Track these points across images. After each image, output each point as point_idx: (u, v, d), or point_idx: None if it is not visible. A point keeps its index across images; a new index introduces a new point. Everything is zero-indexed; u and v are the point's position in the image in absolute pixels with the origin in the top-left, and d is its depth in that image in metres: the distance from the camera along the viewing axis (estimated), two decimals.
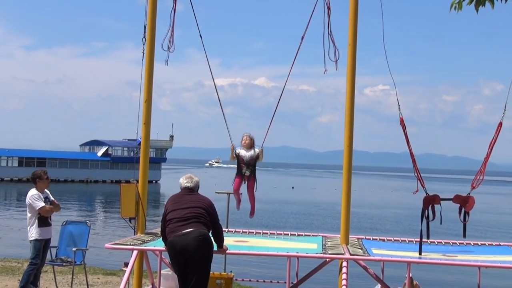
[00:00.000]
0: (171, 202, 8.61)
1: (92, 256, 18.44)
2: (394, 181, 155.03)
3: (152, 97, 11.02)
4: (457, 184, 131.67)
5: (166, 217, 8.50)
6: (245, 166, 10.91)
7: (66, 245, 12.97)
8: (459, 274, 20.51)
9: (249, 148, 10.95)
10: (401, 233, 33.32)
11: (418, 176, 9.92)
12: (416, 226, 10.88)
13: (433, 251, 10.23)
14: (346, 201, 10.34)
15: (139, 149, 11.16)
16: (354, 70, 10.38)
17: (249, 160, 10.91)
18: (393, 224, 44.18)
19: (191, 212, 8.35)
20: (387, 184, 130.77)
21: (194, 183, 8.72)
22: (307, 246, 10.29)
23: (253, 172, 10.93)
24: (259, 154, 10.96)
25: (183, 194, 8.63)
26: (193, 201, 8.48)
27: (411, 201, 55.25)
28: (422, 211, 9.82)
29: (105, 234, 32.05)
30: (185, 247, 8.10)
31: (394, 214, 52.95)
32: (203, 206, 8.44)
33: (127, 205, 10.78)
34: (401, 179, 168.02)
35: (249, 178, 10.92)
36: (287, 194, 79.21)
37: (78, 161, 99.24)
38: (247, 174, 10.92)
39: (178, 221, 8.30)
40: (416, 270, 11.28)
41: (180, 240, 8.15)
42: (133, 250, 9.64)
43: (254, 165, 10.95)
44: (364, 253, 9.62)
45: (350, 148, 10.39)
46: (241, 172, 10.91)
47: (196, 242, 8.09)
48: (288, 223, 41.31)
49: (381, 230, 38.88)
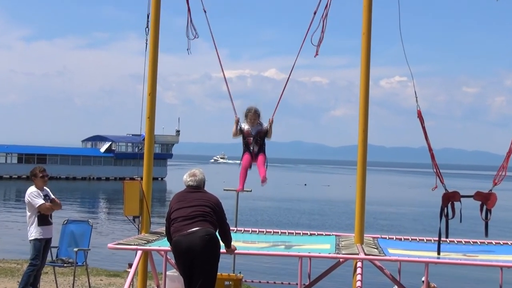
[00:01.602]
0: (175, 200, 8.59)
1: (95, 257, 18.51)
2: (412, 177, 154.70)
3: (156, 90, 11.04)
4: (478, 180, 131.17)
5: (171, 215, 8.49)
6: (252, 141, 10.52)
7: (67, 245, 13.00)
8: (480, 275, 20.44)
9: (254, 123, 10.54)
10: (419, 232, 33.26)
11: (437, 172, 9.89)
12: (434, 224, 10.85)
13: (453, 251, 10.20)
14: (361, 198, 10.32)
15: (143, 145, 11.17)
16: (368, 61, 10.35)
17: (257, 134, 10.54)
18: (410, 223, 44.10)
19: (196, 210, 8.34)
20: (404, 181, 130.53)
21: (198, 181, 8.67)
22: (320, 246, 10.28)
23: (262, 148, 10.56)
24: (268, 128, 10.60)
25: (188, 192, 8.60)
26: (198, 199, 8.45)
27: (430, 198, 54.99)
28: (441, 209, 9.79)
29: (108, 234, 32.16)
30: (191, 246, 8.09)
31: (411, 212, 52.86)
32: (209, 204, 8.42)
33: (131, 203, 10.80)
34: (419, 175, 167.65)
35: (257, 155, 10.54)
36: (300, 191, 79.21)
37: (80, 157, 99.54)
38: (255, 150, 10.54)
39: (183, 220, 8.29)
40: (434, 271, 11.25)
41: (185, 240, 8.14)
42: (137, 250, 9.66)
43: (262, 139, 10.55)
44: (379, 253, 9.61)
45: (365, 142, 10.37)
46: (248, 148, 10.53)
47: (202, 242, 8.08)
48: (300, 222, 41.32)
49: (398, 229, 38.82)
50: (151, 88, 10.97)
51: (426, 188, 62.84)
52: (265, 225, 34.93)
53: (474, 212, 10.09)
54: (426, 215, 47.73)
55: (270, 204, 53.39)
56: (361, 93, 10.36)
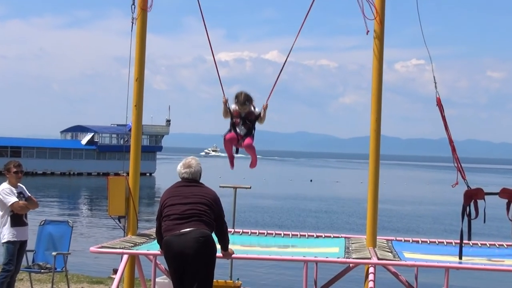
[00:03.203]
0: (168, 195, 8.56)
1: (75, 262, 18.51)
2: (430, 172, 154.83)
3: (144, 74, 11.04)
4: (505, 175, 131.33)
5: (163, 212, 8.47)
6: (241, 122, 10.28)
7: (44, 249, 13.02)
8: (507, 281, 20.47)
9: (243, 106, 10.22)
10: (438, 234, 33.32)
11: (459, 166, 9.90)
12: (455, 225, 10.87)
13: (476, 255, 10.22)
14: (374, 196, 10.34)
15: (129, 136, 11.18)
16: (382, 42, 10.35)
17: (247, 115, 10.28)
18: (428, 223, 44.15)
19: (192, 208, 8.31)
20: (422, 176, 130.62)
21: (194, 173, 8.61)
22: (327, 250, 10.30)
23: (251, 131, 10.34)
24: (261, 113, 10.36)
25: (182, 186, 8.57)
26: (194, 195, 8.42)
27: (450, 195, 55.07)
28: (462, 208, 9.80)
29: (90, 236, 32.17)
30: (184, 249, 8.10)
31: (429, 211, 52.89)
32: (205, 200, 8.39)
33: (115, 201, 10.82)
34: (438, 170, 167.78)
35: (244, 138, 10.30)
36: (305, 188, 79.21)
37: (58, 150, 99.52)
38: (243, 133, 10.31)
39: (176, 218, 8.28)
40: (455, 277, 11.27)
41: (177, 241, 8.14)
42: (123, 254, 9.67)
43: (252, 122, 10.31)
44: (394, 257, 9.63)
45: (378, 133, 10.37)
46: (235, 128, 10.29)
47: (196, 244, 8.09)
48: (305, 223, 41.34)
49: (415, 230, 38.85)
50: (138, 73, 10.96)
51: (446, 185, 62.81)
52: (266, 226, 34.95)
53: (500, 212, 10.10)
54: (446, 215, 47.75)
55: (271, 202, 53.44)
56: (374, 78, 10.36)
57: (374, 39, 10.34)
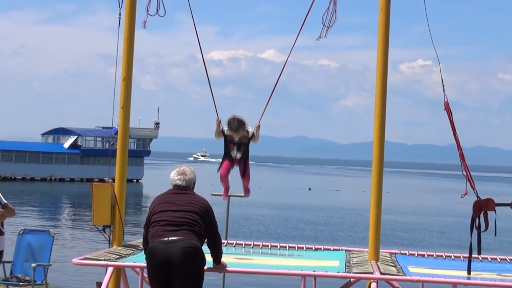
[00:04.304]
0: (158, 202, 8.56)
1: (57, 274, 18.50)
2: (437, 181, 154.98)
3: (132, 74, 11.03)
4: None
5: (151, 219, 8.46)
6: (235, 147, 10.81)
7: (23, 260, 13.00)
8: None
9: (237, 132, 10.80)
10: (445, 247, 33.32)
11: (468, 175, 9.90)
12: (464, 238, 10.89)
13: (486, 270, 10.22)
14: (377, 206, 10.33)
15: (116, 140, 11.17)
16: (387, 41, 10.34)
17: (241, 139, 10.84)
18: (435, 236, 44.20)
19: (184, 216, 8.32)
20: (428, 185, 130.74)
21: (188, 181, 8.67)
22: (327, 263, 10.30)
23: (246, 154, 10.85)
24: (254, 132, 10.88)
25: (174, 193, 8.60)
26: (187, 203, 8.44)
27: (458, 206, 55.13)
28: (472, 220, 9.80)
29: (72, 246, 32.18)
30: (169, 258, 8.07)
31: (436, 223, 52.96)
32: (197, 210, 8.40)
33: (100, 210, 10.79)
34: (446, 179, 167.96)
35: (239, 162, 10.86)
36: (303, 196, 79.26)
37: (39, 154, 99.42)
38: (238, 157, 10.82)
39: (166, 225, 8.27)
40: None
41: (164, 248, 8.12)
42: (108, 266, 9.65)
43: (246, 145, 10.86)
44: (398, 271, 9.63)
45: (381, 140, 10.37)
46: (229, 154, 10.83)
47: (183, 255, 8.07)
48: (303, 234, 41.38)
49: (420, 243, 38.91)
50: (125, 72, 10.95)
51: (454, 195, 62.92)
52: (261, 237, 34.97)
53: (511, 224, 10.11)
54: (454, 227, 47.84)
55: (267, 212, 53.44)
56: (378, 79, 10.36)
57: (379, 38, 10.34)
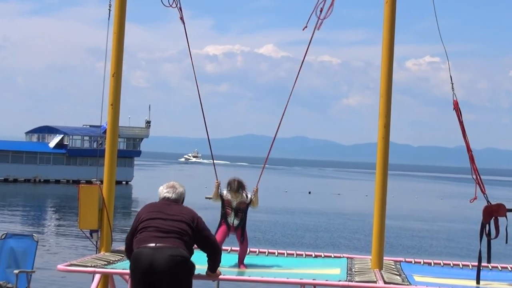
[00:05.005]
0: (147, 210, 8.60)
1: (41, 281, 18.48)
2: (445, 185, 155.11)
3: (122, 69, 11.02)
4: None
5: (139, 226, 8.47)
6: (232, 213, 10.78)
7: (5, 266, 12.97)
8: None
9: (236, 194, 10.81)
10: (453, 255, 33.36)
11: (477, 178, 9.91)
12: (473, 245, 10.89)
13: (496, 279, 10.23)
14: (380, 211, 10.33)
15: (104, 139, 11.16)
16: (392, 36, 10.35)
17: (238, 205, 10.80)
18: (442, 243, 44.23)
19: (174, 225, 8.36)
20: (435, 189, 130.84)
21: (177, 194, 8.76)
22: (327, 271, 10.30)
23: (243, 220, 10.83)
24: (252, 198, 10.88)
25: (165, 204, 8.66)
26: (177, 213, 8.51)
27: (467, 212, 55.19)
28: (481, 226, 9.81)
29: (57, 252, 32.14)
30: (155, 265, 8.06)
31: (443, 229, 52.99)
32: (186, 220, 8.46)
33: (87, 213, 10.78)
34: (454, 182, 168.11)
35: (236, 230, 10.80)
36: (302, 201, 79.28)
37: (23, 153, 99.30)
38: (236, 224, 10.78)
39: (155, 231, 8.30)
40: None
41: (150, 253, 8.11)
42: (95, 273, 9.65)
43: (244, 211, 10.84)
44: (403, 280, 9.63)
45: (386, 140, 10.38)
46: (226, 219, 10.78)
47: (170, 263, 8.07)
48: (303, 240, 41.39)
49: (427, 250, 38.93)
50: (115, 67, 10.95)
51: (463, 199, 62.95)
52: (258, 244, 34.93)
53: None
54: (463, 234, 47.86)
55: (264, 217, 53.42)
56: (382, 77, 10.36)
57: (384, 33, 10.34)
